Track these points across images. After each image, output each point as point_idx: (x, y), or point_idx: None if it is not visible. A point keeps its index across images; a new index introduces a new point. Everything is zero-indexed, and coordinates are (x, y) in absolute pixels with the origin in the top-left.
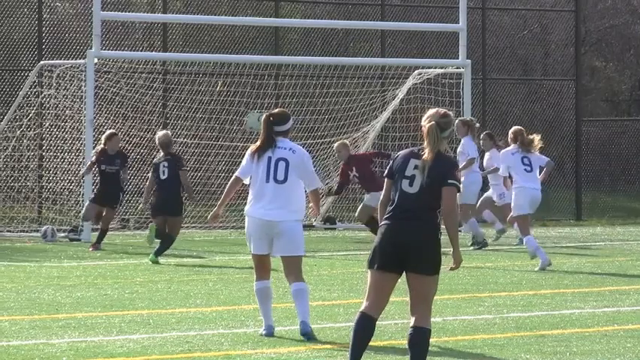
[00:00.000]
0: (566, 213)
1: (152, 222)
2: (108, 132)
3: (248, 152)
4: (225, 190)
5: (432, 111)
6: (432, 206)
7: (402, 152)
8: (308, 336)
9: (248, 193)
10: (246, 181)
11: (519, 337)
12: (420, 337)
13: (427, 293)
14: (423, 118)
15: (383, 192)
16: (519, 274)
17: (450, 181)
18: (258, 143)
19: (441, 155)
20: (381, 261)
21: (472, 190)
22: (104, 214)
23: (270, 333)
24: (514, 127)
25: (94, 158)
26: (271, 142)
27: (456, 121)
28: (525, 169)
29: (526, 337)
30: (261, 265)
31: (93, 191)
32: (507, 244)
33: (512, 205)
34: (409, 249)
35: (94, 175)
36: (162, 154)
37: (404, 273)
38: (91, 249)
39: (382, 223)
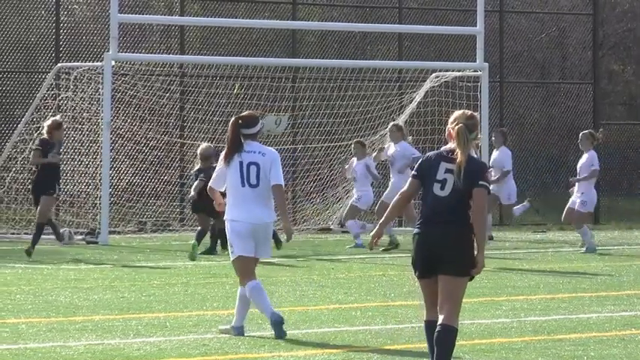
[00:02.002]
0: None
1: (194, 241)
2: (54, 120)
3: (220, 159)
4: (213, 197)
5: (458, 113)
6: (464, 208)
7: (430, 154)
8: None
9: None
10: (222, 189)
11: (537, 341)
12: (446, 335)
13: (455, 293)
14: (450, 121)
15: (405, 188)
16: (537, 278)
17: (480, 182)
18: (225, 148)
19: (471, 158)
20: (421, 268)
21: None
22: (40, 203)
23: (279, 319)
24: None
25: (37, 146)
26: (238, 146)
27: (390, 125)
28: None
29: (543, 341)
30: (248, 267)
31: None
32: (525, 249)
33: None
34: (441, 252)
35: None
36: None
37: None
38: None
39: (416, 229)
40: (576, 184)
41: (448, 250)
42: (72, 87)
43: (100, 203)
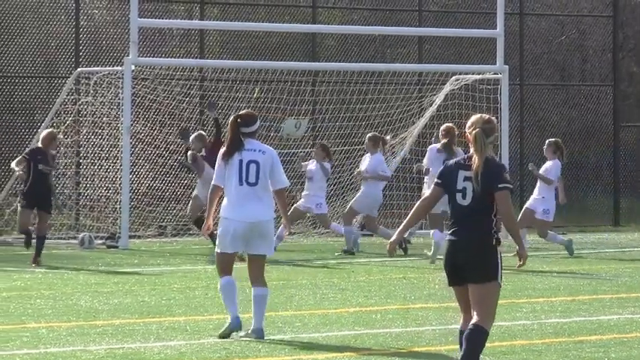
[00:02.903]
0: (605, 219)
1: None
2: (48, 132)
3: (218, 157)
4: (208, 199)
5: (475, 117)
6: (487, 213)
7: (450, 162)
8: (260, 336)
9: None
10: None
11: (557, 343)
12: (475, 335)
13: (485, 300)
14: (467, 125)
15: (427, 195)
16: (557, 280)
17: (500, 185)
18: (225, 146)
19: (488, 162)
20: (451, 277)
21: (368, 202)
22: (38, 219)
23: (237, 325)
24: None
25: (25, 155)
26: (239, 144)
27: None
28: None
29: (564, 343)
30: (228, 263)
31: (22, 195)
32: (545, 250)
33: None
34: (465, 260)
35: (22, 177)
36: None
37: None
38: (32, 264)
39: (447, 237)
40: (538, 186)
41: (471, 258)
42: (92, 92)
43: (120, 207)
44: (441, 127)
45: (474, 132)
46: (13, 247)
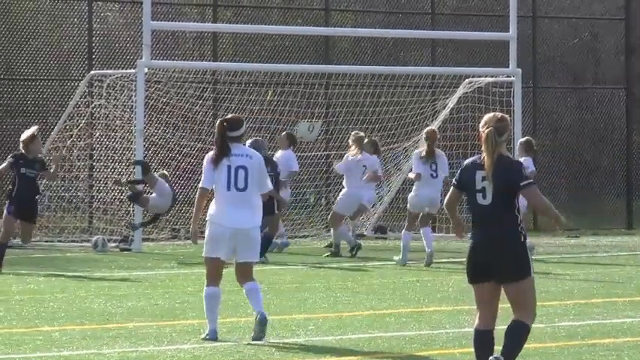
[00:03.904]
0: (618, 222)
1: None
2: (29, 133)
3: (207, 160)
4: (195, 204)
5: (488, 116)
6: (509, 210)
7: (468, 163)
8: (264, 319)
9: None
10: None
11: (571, 346)
12: (517, 330)
13: (524, 296)
14: (481, 124)
15: (448, 197)
16: (570, 283)
17: (522, 184)
18: (214, 151)
19: (502, 159)
20: (474, 275)
21: (349, 201)
22: (22, 229)
23: (214, 337)
24: None
25: (10, 160)
26: (227, 149)
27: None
28: None
29: (577, 346)
30: (216, 270)
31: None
32: (559, 253)
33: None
34: (492, 260)
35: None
36: None
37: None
38: None
39: (470, 237)
40: None
41: (502, 258)
42: (105, 94)
43: (133, 211)
44: (424, 131)
45: (486, 131)
46: (25, 249)
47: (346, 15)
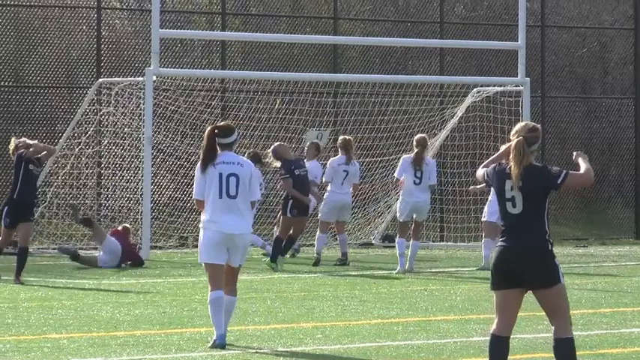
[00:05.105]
0: (626, 231)
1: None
2: (22, 141)
3: (197, 170)
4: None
5: (520, 124)
6: (540, 218)
7: (496, 169)
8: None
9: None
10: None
11: (579, 356)
12: (564, 348)
13: (557, 304)
14: (512, 133)
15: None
16: (578, 293)
17: (559, 181)
18: (201, 157)
19: (531, 168)
20: (499, 282)
21: (326, 209)
22: (21, 231)
23: (223, 342)
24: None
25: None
26: (213, 155)
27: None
28: None
29: (586, 355)
30: (217, 275)
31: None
32: (567, 263)
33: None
34: (522, 268)
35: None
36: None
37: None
38: (15, 281)
39: (498, 243)
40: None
41: (531, 267)
42: (113, 102)
43: (141, 218)
44: (414, 138)
45: (515, 140)
46: (33, 257)
47: (355, 24)
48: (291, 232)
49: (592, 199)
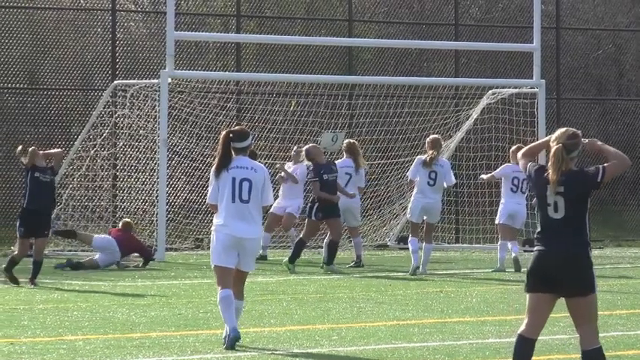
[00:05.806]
0: None
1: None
2: (30, 149)
3: (211, 174)
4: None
5: (560, 131)
6: (581, 223)
7: (537, 170)
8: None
9: None
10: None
11: None
12: (595, 356)
13: (588, 313)
14: (552, 139)
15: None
16: None
17: (598, 180)
18: (216, 162)
19: (569, 173)
20: (534, 285)
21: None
22: (35, 244)
23: (237, 334)
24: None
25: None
26: (228, 160)
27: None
28: None
29: None
30: (227, 276)
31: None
32: None
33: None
34: (561, 274)
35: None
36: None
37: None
38: (30, 285)
39: (536, 246)
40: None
41: (569, 273)
42: (128, 104)
43: (156, 220)
44: (427, 139)
45: (554, 147)
46: (49, 258)
47: (370, 26)
48: (329, 234)
49: (608, 200)
